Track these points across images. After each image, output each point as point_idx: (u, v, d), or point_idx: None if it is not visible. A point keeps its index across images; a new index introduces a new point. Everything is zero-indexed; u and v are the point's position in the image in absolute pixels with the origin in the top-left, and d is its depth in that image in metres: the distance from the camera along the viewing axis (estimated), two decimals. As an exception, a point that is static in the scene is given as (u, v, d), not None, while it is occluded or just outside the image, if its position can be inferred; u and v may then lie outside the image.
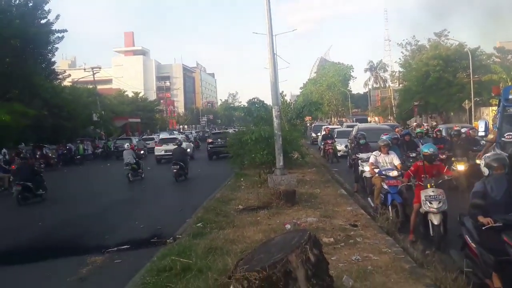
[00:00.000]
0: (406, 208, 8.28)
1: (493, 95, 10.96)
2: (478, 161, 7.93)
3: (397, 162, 9.28)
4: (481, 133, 10.23)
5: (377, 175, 9.02)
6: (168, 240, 8.33)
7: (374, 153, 9.60)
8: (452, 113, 46.47)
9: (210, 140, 29.50)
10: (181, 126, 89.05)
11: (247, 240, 7.39)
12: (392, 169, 8.90)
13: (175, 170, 18.20)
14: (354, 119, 55.29)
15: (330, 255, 6.21)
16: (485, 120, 10.64)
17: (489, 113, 39.36)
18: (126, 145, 21.80)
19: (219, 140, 27.95)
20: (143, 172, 20.16)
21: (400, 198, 8.42)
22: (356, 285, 5.00)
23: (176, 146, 20.11)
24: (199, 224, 8.97)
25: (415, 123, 40.49)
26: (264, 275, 3.81)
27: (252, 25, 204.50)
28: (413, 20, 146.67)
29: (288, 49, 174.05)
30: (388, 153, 9.42)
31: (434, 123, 36.83)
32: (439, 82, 43.00)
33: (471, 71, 38.24)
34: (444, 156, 11.49)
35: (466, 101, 37.89)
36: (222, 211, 10.19)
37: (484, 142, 11.46)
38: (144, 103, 66.99)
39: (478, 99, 40.81)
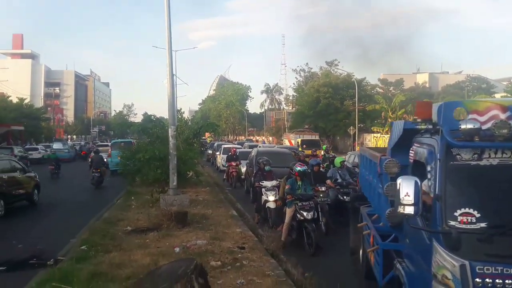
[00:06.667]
0: None
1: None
2: None
3: None
4: None
5: None
6: (48, 262, 7.84)
7: None
8: (338, 138, 50.00)
9: None
10: (69, 136, 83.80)
11: (134, 264, 7.26)
12: None
13: (96, 174, 19.26)
14: (299, 139, 39.28)
15: (216, 279, 6.40)
16: None
17: (371, 139, 43.21)
18: None
19: None
20: None
21: None
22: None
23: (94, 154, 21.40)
24: (83, 247, 8.58)
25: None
26: (148, 305, 3.84)
27: (153, 38, 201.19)
28: (308, 49, 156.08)
29: (189, 65, 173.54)
30: None
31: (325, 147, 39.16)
32: (328, 108, 46.18)
33: (356, 99, 41.70)
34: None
35: (351, 127, 41.06)
36: (109, 233, 9.82)
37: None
38: (30, 110, 61.97)
39: (362, 126, 44.55)
